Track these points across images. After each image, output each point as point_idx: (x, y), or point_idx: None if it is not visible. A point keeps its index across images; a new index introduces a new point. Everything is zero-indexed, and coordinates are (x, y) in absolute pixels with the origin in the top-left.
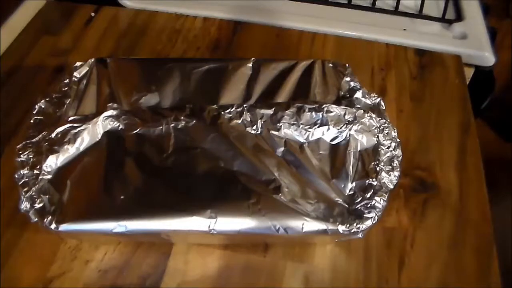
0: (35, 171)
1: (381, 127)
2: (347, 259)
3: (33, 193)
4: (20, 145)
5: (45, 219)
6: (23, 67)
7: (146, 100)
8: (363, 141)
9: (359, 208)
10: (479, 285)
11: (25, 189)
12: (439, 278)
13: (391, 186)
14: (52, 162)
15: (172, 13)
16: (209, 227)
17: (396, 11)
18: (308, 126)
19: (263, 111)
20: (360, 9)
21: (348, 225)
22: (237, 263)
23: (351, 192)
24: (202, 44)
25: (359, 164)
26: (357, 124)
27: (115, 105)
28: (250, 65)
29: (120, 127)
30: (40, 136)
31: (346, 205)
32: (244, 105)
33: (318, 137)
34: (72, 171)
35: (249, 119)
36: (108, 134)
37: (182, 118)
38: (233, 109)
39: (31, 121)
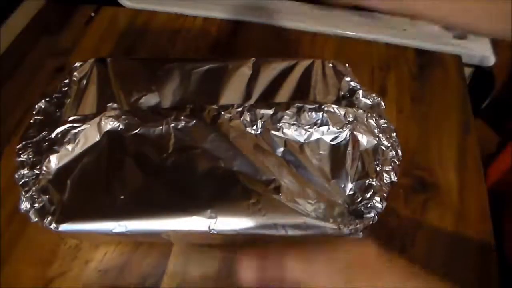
0: (35, 171)
1: (381, 127)
2: None
3: (33, 193)
4: (20, 145)
5: (45, 219)
6: (23, 67)
7: (146, 100)
8: (363, 141)
9: (359, 208)
10: (479, 285)
11: (25, 189)
12: (439, 278)
13: (391, 186)
14: (52, 162)
15: (172, 13)
16: (209, 227)
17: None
18: (308, 126)
19: (263, 111)
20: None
21: (348, 225)
22: (237, 263)
23: (351, 192)
24: (202, 44)
25: (359, 164)
26: (357, 124)
27: (115, 105)
28: (250, 65)
29: (120, 127)
30: (40, 136)
31: (346, 205)
32: (244, 105)
33: (318, 137)
34: (72, 171)
35: (249, 119)
36: (108, 134)
37: (182, 118)
38: (233, 109)
39: (31, 121)
